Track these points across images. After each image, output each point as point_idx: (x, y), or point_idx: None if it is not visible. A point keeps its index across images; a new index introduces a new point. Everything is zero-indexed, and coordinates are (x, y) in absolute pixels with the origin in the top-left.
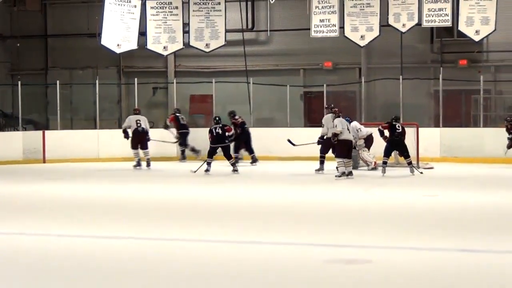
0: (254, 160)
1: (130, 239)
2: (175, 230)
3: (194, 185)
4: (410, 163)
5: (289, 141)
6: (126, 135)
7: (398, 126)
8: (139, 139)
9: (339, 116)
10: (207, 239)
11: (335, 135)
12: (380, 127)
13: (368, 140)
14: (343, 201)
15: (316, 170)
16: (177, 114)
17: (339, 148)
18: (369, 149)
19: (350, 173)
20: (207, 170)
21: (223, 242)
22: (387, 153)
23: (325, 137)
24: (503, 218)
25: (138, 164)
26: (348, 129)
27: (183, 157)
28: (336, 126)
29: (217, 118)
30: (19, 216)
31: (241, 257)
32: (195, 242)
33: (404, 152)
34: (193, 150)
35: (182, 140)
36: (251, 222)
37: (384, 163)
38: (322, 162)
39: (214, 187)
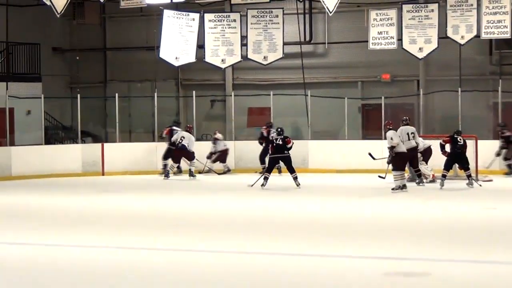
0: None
1: (199, 252)
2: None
3: (259, 199)
4: (469, 176)
5: (369, 154)
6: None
7: (460, 139)
8: (173, 153)
9: (391, 129)
10: (283, 252)
11: (392, 147)
12: (441, 141)
13: (426, 153)
14: (401, 214)
15: (416, 183)
16: (174, 128)
17: (395, 161)
18: (427, 162)
19: (404, 186)
20: (263, 185)
21: (291, 255)
22: (447, 166)
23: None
24: None
25: (167, 175)
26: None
27: (164, 172)
28: (392, 139)
29: (279, 129)
30: (76, 228)
31: (309, 271)
32: (260, 254)
33: (465, 165)
34: (165, 167)
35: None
36: (312, 235)
37: (444, 176)
38: (419, 175)
39: (275, 200)
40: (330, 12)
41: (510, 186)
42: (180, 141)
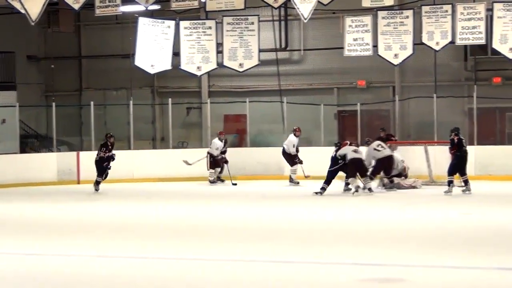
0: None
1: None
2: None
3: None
4: (466, 181)
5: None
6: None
7: (465, 141)
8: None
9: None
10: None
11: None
12: (454, 141)
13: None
14: (377, 220)
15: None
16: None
17: (348, 168)
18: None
19: (370, 189)
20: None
21: (264, 262)
22: (454, 171)
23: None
24: None
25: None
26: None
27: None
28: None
29: (335, 142)
30: (52, 237)
31: (284, 277)
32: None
33: (465, 169)
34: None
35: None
36: (286, 241)
37: (452, 182)
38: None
39: (243, 208)
40: (305, 19)
41: (486, 191)
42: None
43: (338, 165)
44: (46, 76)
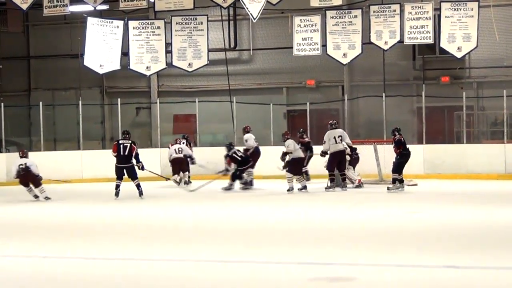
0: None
1: (117, 260)
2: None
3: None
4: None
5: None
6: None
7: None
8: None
9: (289, 138)
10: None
11: (286, 153)
12: (397, 140)
13: (354, 158)
14: (326, 219)
15: (326, 188)
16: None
17: (292, 166)
18: (354, 167)
19: (304, 187)
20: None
21: (205, 261)
22: (400, 169)
23: (328, 152)
24: (487, 234)
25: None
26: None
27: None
28: (288, 147)
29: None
30: (2, 238)
31: (230, 277)
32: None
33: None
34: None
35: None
36: (231, 241)
37: (401, 180)
38: (332, 180)
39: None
40: (254, 19)
41: (435, 190)
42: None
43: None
44: None
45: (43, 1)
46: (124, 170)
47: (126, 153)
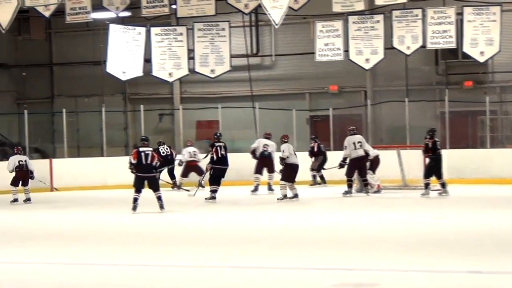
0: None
1: (144, 267)
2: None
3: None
4: (443, 184)
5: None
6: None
7: (439, 144)
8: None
9: (286, 142)
10: (221, 265)
11: (282, 159)
12: (423, 153)
13: (374, 162)
14: (348, 224)
15: (344, 194)
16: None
17: (285, 172)
18: (374, 172)
19: (295, 196)
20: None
21: (236, 268)
22: (430, 174)
23: (347, 160)
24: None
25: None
26: (295, 154)
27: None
28: (283, 151)
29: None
30: (25, 245)
31: (255, 283)
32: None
33: (441, 172)
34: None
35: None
36: (255, 247)
37: (428, 184)
38: (350, 186)
39: (217, 213)
40: (276, 25)
41: (459, 194)
42: (265, 149)
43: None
44: (18, 83)
45: (66, 8)
46: (146, 181)
47: (148, 162)
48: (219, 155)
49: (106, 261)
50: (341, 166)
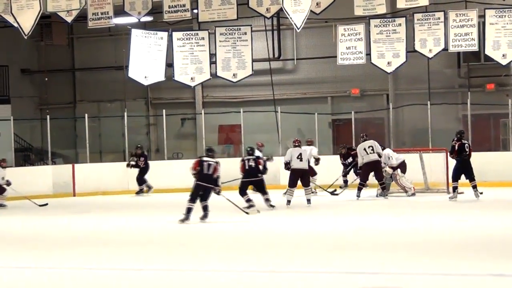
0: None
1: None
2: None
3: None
4: (475, 187)
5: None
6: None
7: (467, 145)
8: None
9: (297, 146)
10: (238, 269)
11: (286, 164)
12: (449, 154)
13: (401, 167)
14: (373, 228)
15: (357, 196)
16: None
17: (289, 176)
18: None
19: (288, 202)
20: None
21: (263, 272)
22: (457, 176)
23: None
24: None
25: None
26: (301, 159)
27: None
28: (286, 156)
29: (249, 149)
30: (50, 250)
31: (279, 286)
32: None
33: (472, 174)
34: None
35: None
36: (281, 251)
37: (456, 188)
38: (359, 189)
39: (247, 217)
40: (298, 28)
41: (480, 197)
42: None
43: None
44: (40, 89)
45: (88, 13)
46: (202, 190)
47: (209, 172)
48: (247, 167)
49: (138, 265)
50: (357, 174)
